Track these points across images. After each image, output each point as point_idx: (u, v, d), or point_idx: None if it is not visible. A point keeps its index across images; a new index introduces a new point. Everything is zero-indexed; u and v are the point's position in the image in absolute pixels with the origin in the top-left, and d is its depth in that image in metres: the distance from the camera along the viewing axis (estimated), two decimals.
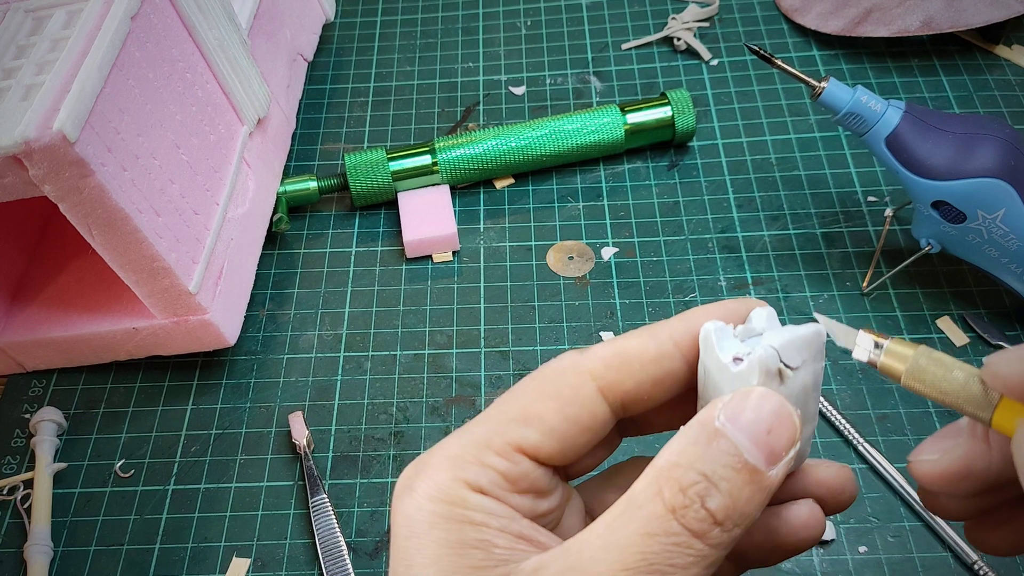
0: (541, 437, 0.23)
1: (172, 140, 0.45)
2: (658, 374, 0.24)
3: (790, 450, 0.21)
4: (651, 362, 0.24)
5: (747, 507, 0.21)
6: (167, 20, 0.45)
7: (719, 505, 0.20)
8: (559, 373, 0.24)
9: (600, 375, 0.24)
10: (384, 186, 0.57)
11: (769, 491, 0.21)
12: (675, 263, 0.54)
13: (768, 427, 0.21)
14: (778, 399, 0.21)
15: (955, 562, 0.42)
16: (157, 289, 0.45)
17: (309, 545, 0.45)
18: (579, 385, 0.24)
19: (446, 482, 0.23)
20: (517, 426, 0.23)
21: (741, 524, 0.21)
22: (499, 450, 0.23)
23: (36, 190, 0.39)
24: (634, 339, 0.24)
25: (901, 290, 0.52)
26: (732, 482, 0.20)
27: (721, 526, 0.20)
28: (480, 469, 0.23)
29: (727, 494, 0.20)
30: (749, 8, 0.67)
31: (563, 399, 0.23)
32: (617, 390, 0.24)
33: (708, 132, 0.60)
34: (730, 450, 0.21)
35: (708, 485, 0.20)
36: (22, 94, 0.39)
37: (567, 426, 0.23)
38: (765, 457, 0.21)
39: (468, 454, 0.23)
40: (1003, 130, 0.45)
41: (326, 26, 0.67)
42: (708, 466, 0.21)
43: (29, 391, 0.52)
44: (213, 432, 0.49)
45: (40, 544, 0.44)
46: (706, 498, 0.20)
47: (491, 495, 0.23)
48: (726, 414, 0.21)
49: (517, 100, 0.64)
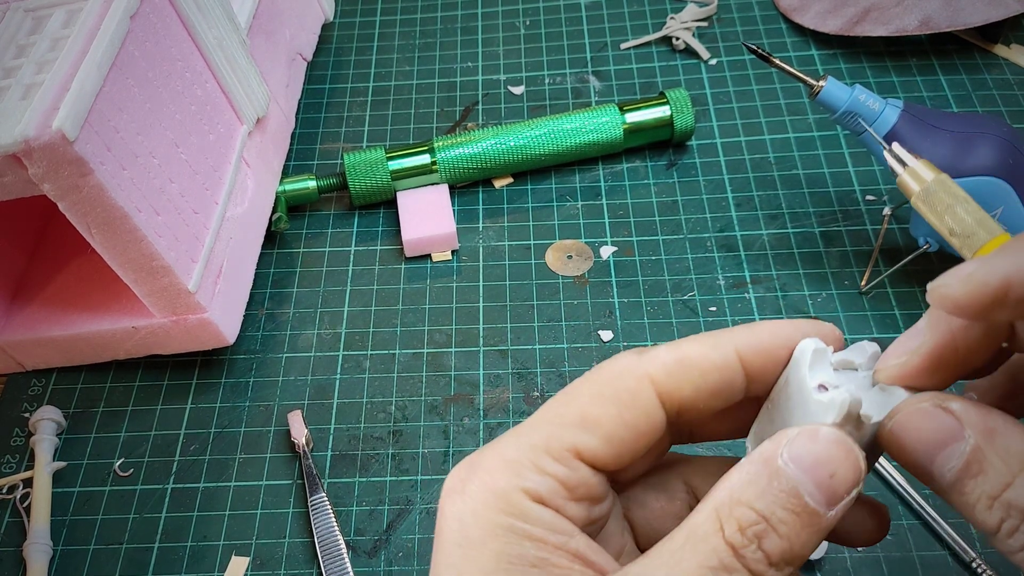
0: (600, 443, 0.23)
1: (171, 139, 0.45)
2: (718, 384, 0.23)
3: (853, 491, 0.21)
4: (712, 370, 0.23)
5: (802, 549, 0.21)
6: (166, 19, 0.45)
7: (775, 547, 0.20)
8: (618, 376, 0.23)
9: (660, 381, 0.23)
10: (383, 185, 0.57)
11: (826, 531, 0.21)
12: (674, 262, 0.54)
13: (832, 471, 0.21)
14: (846, 442, 0.21)
15: (953, 560, 0.42)
16: (156, 288, 0.45)
17: (308, 544, 0.45)
18: (639, 390, 0.23)
19: (505, 489, 0.22)
20: (576, 431, 0.23)
21: (794, 564, 0.21)
22: (558, 456, 0.22)
23: (35, 189, 0.39)
24: (696, 346, 0.24)
25: (899, 289, 0.52)
26: (790, 525, 0.20)
27: (776, 567, 0.21)
28: (540, 476, 0.22)
29: (785, 537, 0.20)
30: (747, 8, 0.67)
31: (622, 404, 0.23)
32: (675, 397, 0.23)
33: (707, 131, 0.60)
34: (792, 491, 0.21)
35: (766, 527, 0.20)
36: (22, 93, 0.39)
37: (625, 431, 0.23)
38: (826, 500, 0.21)
39: (526, 459, 0.22)
40: (1001, 129, 0.45)
41: (325, 26, 0.68)
42: (767, 506, 0.21)
43: (28, 390, 0.52)
44: (212, 431, 0.49)
45: (39, 543, 0.45)
46: (763, 539, 0.20)
47: (550, 505, 0.22)
48: (790, 452, 0.21)
49: (516, 99, 0.64)
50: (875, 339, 0.49)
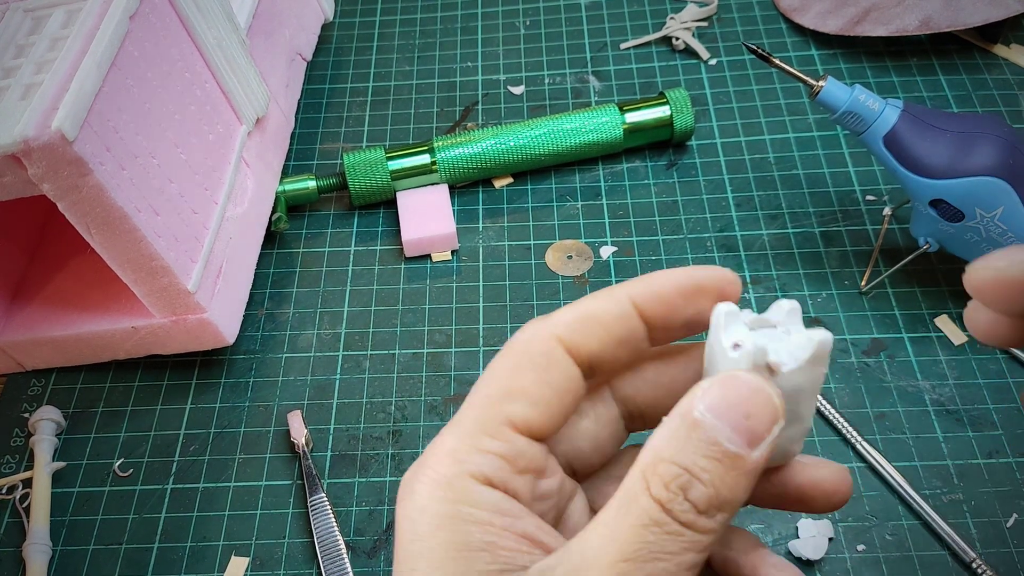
0: (529, 409, 0.23)
1: (171, 139, 0.45)
2: (621, 334, 0.24)
3: (773, 428, 0.21)
4: (613, 322, 0.24)
5: (731, 493, 0.21)
6: (166, 20, 0.45)
7: (701, 495, 0.21)
8: (529, 343, 0.24)
9: (566, 338, 0.24)
10: (383, 185, 0.57)
11: (754, 472, 0.21)
12: (674, 262, 0.54)
13: (747, 412, 0.21)
14: (755, 381, 0.21)
15: (953, 560, 0.42)
16: (156, 288, 0.45)
17: (307, 544, 0.45)
18: (550, 351, 0.24)
19: (449, 477, 0.22)
20: (504, 404, 0.23)
21: (727, 508, 0.21)
22: (494, 432, 0.23)
23: (35, 189, 0.39)
24: (594, 301, 0.24)
25: (899, 289, 0.52)
26: (713, 472, 0.21)
27: (706, 514, 0.21)
28: (481, 456, 0.23)
29: (708, 484, 0.21)
30: (747, 8, 0.67)
31: (539, 368, 0.24)
32: (584, 351, 0.24)
33: (706, 131, 0.60)
34: (710, 440, 0.21)
35: (690, 478, 0.21)
36: (21, 93, 0.39)
37: (549, 392, 0.24)
38: (747, 441, 0.21)
39: (465, 444, 0.23)
40: (1001, 129, 0.45)
41: (325, 26, 0.68)
42: (688, 458, 0.21)
43: (28, 390, 0.52)
44: (212, 431, 0.49)
45: (39, 543, 0.45)
46: (688, 490, 0.21)
47: (497, 485, 0.23)
48: (705, 403, 0.21)
49: (516, 99, 0.64)
50: (875, 339, 0.49)
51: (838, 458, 0.46)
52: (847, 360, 0.49)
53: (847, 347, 0.50)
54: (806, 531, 0.43)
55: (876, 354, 0.49)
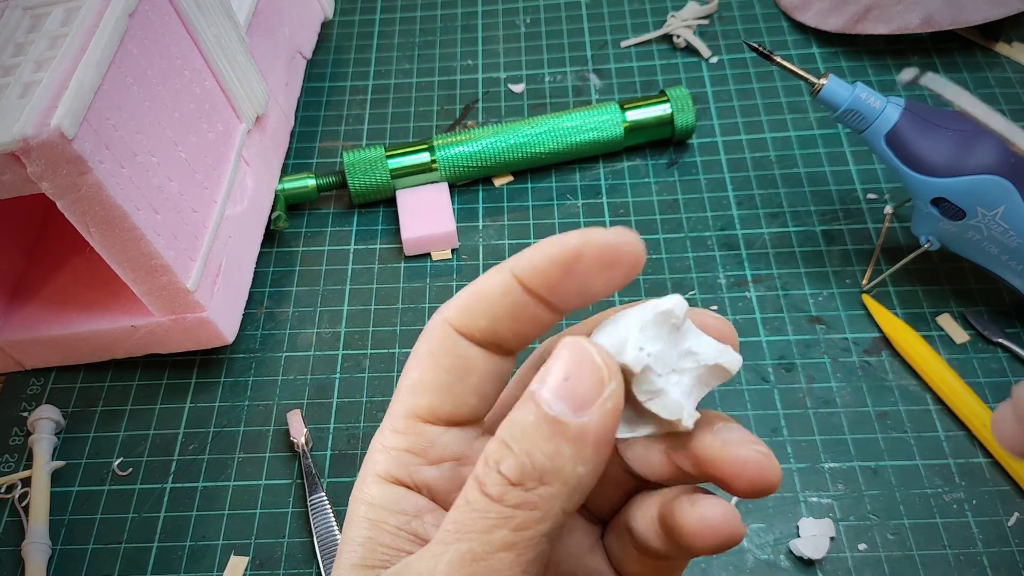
0: (429, 398, 0.23)
1: (170, 137, 0.45)
2: (508, 309, 0.23)
3: (601, 391, 0.20)
4: (497, 299, 0.23)
5: (552, 461, 0.20)
6: (165, 17, 0.45)
7: (511, 464, 0.20)
8: (427, 331, 0.24)
9: (456, 319, 0.23)
10: (383, 184, 0.56)
11: (583, 440, 0.20)
12: (674, 261, 0.54)
13: (566, 372, 0.20)
14: (580, 344, 0.20)
15: (954, 560, 0.42)
16: (155, 287, 0.45)
17: (307, 544, 0.45)
18: (443, 336, 0.23)
19: (363, 476, 0.23)
20: (408, 397, 0.23)
21: (550, 480, 0.20)
22: (399, 427, 0.23)
23: (34, 187, 0.39)
24: (483, 278, 0.24)
25: (901, 288, 0.51)
26: (526, 439, 0.20)
27: (520, 486, 0.20)
28: (382, 455, 0.23)
29: (521, 452, 0.20)
30: (748, 6, 0.67)
31: (434, 355, 0.23)
32: (475, 331, 0.23)
33: (707, 130, 0.60)
34: (530, 408, 0.20)
35: (505, 450, 0.20)
36: (20, 91, 0.39)
37: (448, 377, 0.23)
38: (569, 404, 0.20)
39: (377, 444, 0.24)
40: None
41: (325, 24, 0.67)
42: (507, 431, 0.20)
43: (27, 389, 0.52)
44: (211, 430, 0.49)
45: (38, 542, 0.44)
46: (500, 462, 0.20)
47: (403, 480, 0.23)
48: (539, 377, 0.20)
49: (516, 98, 0.64)
50: (877, 338, 0.49)
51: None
52: (848, 359, 0.49)
53: (848, 346, 0.49)
54: (807, 530, 0.43)
55: (877, 353, 0.49)
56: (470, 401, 0.24)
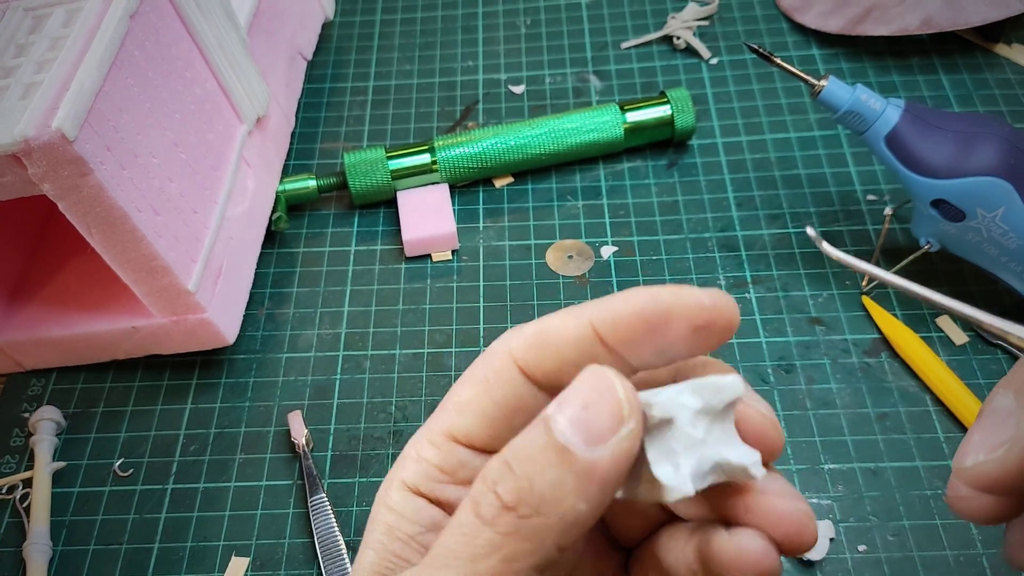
0: (471, 422, 0.23)
1: (171, 139, 0.45)
2: (577, 357, 0.22)
3: (618, 428, 0.19)
4: (570, 343, 0.22)
5: (552, 492, 0.18)
6: (166, 19, 0.45)
7: (509, 487, 0.19)
8: (486, 357, 0.23)
9: (521, 355, 0.22)
10: (383, 185, 0.57)
11: (590, 476, 0.19)
12: (674, 262, 0.54)
13: (585, 402, 0.19)
14: (604, 373, 0.19)
15: (955, 561, 0.42)
16: (156, 288, 0.45)
17: (308, 544, 0.45)
18: (501, 367, 0.22)
19: (390, 480, 0.23)
20: (450, 415, 0.23)
21: (545, 512, 0.18)
22: (437, 442, 0.23)
23: (35, 189, 0.39)
24: (557, 319, 0.22)
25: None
26: (533, 463, 0.19)
27: (514, 511, 0.19)
28: (414, 464, 0.23)
29: (523, 476, 0.19)
30: (749, 7, 0.67)
31: (488, 383, 0.23)
32: (539, 371, 0.22)
33: (707, 131, 0.60)
34: (542, 431, 0.19)
35: (505, 471, 0.19)
36: (21, 92, 0.39)
37: (495, 409, 0.22)
38: (583, 436, 0.19)
39: (411, 451, 0.23)
40: (1003, 128, 0.45)
41: (326, 25, 0.67)
42: (511, 452, 0.19)
43: (28, 390, 0.52)
44: (212, 431, 0.49)
45: (39, 543, 0.44)
46: (498, 483, 0.19)
47: (425, 493, 0.23)
48: (557, 401, 0.19)
49: (516, 99, 0.64)
50: (876, 339, 0.49)
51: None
52: (848, 360, 0.49)
53: (848, 347, 0.50)
54: None
55: (877, 354, 0.49)
56: (507, 435, 0.23)
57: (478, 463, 0.23)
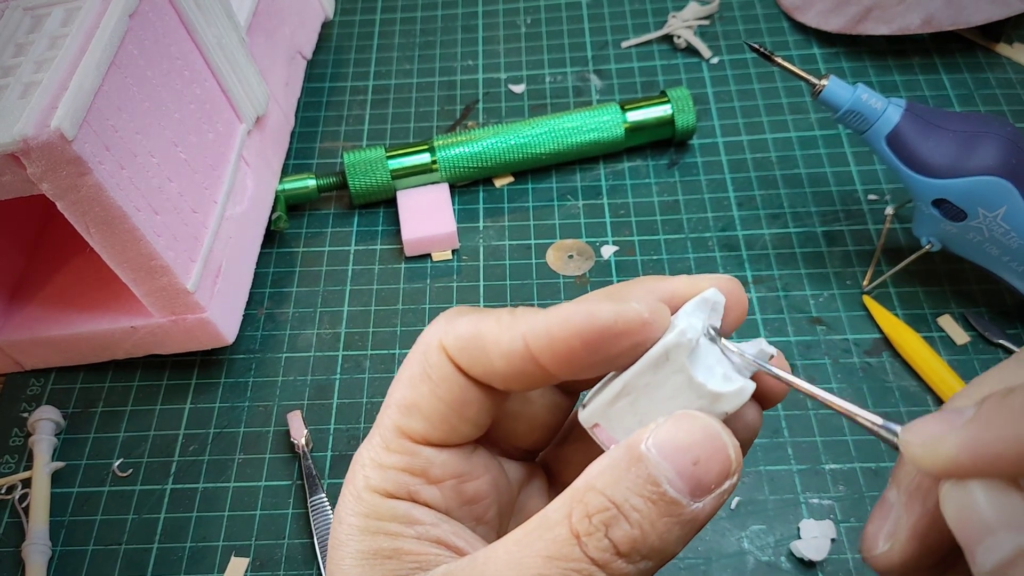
0: (424, 423, 0.22)
1: (170, 138, 0.45)
2: (507, 371, 0.21)
3: (723, 483, 0.19)
4: (502, 357, 0.21)
5: (661, 541, 0.19)
6: (165, 18, 0.45)
7: (623, 536, 0.19)
8: (425, 351, 0.23)
9: (456, 354, 0.22)
10: (383, 184, 0.56)
11: (692, 525, 0.19)
12: (675, 261, 0.54)
13: (696, 457, 0.19)
14: (714, 428, 0.20)
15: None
16: (155, 287, 0.45)
17: (307, 545, 0.45)
18: (441, 364, 0.22)
19: (359, 490, 0.23)
20: (401, 416, 0.23)
21: (652, 558, 0.19)
22: (395, 446, 0.23)
23: (34, 188, 0.39)
24: (493, 323, 0.22)
25: (902, 289, 0.51)
26: (644, 513, 0.19)
27: (626, 558, 0.19)
28: (380, 472, 0.22)
29: (636, 525, 0.19)
30: (749, 6, 0.67)
31: (432, 381, 0.22)
32: (472, 371, 0.22)
33: (708, 130, 0.60)
34: (650, 478, 0.19)
35: (616, 514, 0.19)
36: (20, 92, 0.39)
37: (446, 407, 0.22)
38: (689, 489, 0.19)
39: (369, 458, 0.23)
40: (1004, 128, 0.45)
41: (325, 24, 0.67)
42: (621, 493, 0.19)
43: (27, 390, 0.51)
44: (211, 431, 0.49)
45: (38, 543, 0.44)
46: (611, 527, 0.19)
47: (402, 496, 0.22)
48: (655, 439, 0.20)
49: (517, 98, 0.64)
50: (877, 339, 0.49)
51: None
52: (849, 360, 0.49)
53: (849, 347, 0.49)
54: (808, 532, 0.43)
55: (878, 354, 0.49)
56: (465, 429, 0.23)
57: (444, 457, 0.23)
